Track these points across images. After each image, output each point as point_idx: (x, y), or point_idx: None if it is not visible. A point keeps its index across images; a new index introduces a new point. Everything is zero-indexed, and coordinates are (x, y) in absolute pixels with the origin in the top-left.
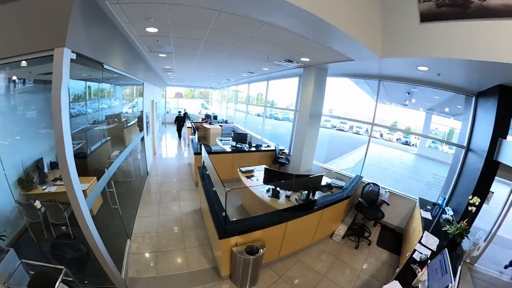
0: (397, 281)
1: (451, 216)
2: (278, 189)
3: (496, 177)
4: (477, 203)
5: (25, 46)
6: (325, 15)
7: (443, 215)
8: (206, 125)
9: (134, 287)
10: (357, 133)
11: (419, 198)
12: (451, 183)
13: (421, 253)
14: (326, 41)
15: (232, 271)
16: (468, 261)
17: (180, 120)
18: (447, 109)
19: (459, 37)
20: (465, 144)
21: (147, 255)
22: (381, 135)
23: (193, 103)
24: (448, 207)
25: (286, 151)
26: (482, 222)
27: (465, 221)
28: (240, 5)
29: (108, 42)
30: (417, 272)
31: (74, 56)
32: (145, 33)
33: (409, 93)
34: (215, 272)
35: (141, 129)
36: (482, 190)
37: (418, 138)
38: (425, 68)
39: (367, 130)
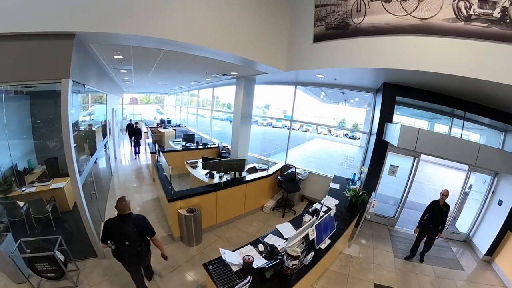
0: (289, 223)
1: (359, 186)
2: (213, 172)
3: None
4: (364, 171)
5: (38, 75)
6: (249, 55)
7: (352, 185)
8: (161, 129)
9: (110, 253)
10: (306, 130)
11: (334, 175)
12: (362, 162)
13: (319, 208)
14: (248, 65)
15: (182, 233)
16: (368, 216)
17: (135, 133)
18: None
19: (341, 51)
20: (367, 130)
21: None
22: (329, 131)
23: (149, 109)
24: (359, 181)
25: (230, 147)
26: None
27: (358, 186)
28: (176, 49)
29: (88, 67)
30: (304, 217)
31: (72, 83)
32: (113, 59)
33: (343, 93)
34: (170, 238)
35: (104, 135)
36: (376, 163)
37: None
38: (322, 76)
39: (316, 128)
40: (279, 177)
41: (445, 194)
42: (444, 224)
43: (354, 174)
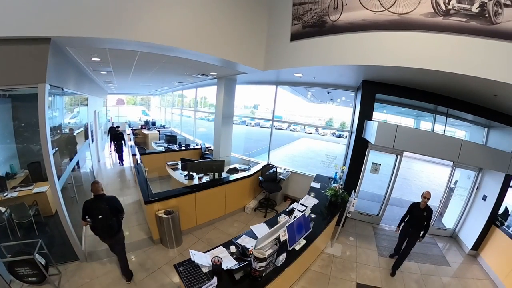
0: (264, 224)
1: (341, 184)
2: (192, 173)
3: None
4: (344, 170)
5: (15, 80)
6: (226, 55)
7: (333, 184)
8: (145, 131)
9: (92, 256)
10: (294, 130)
11: (316, 174)
12: (344, 160)
13: (296, 208)
14: (226, 66)
15: (161, 236)
16: (349, 215)
17: (117, 137)
18: None
19: (318, 49)
20: (349, 129)
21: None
22: (317, 131)
23: (134, 110)
24: (341, 179)
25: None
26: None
27: (339, 185)
28: (151, 51)
29: (66, 71)
30: (279, 218)
31: (49, 87)
32: (91, 61)
33: (328, 92)
34: (150, 240)
35: (86, 138)
36: (356, 162)
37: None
38: (300, 75)
39: (304, 128)
40: (259, 177)
41: (426, 196)
42: (425, 229)
43: (336, 172)
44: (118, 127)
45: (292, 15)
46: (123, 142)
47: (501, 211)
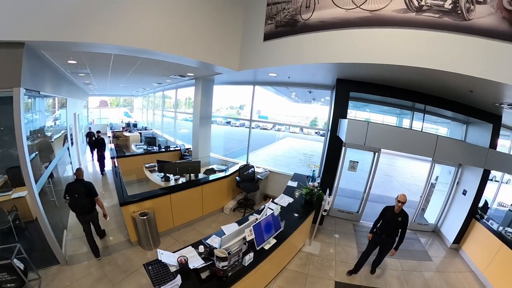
0: (236, 223)
1: (318, 183)
2: (168, 175)
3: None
4: (315, 168)
5: None
6: (200, 56)
7: (310, 183)
8: (126, 133)
9: (72, 260)
10: (278, 130)
11: (294, 173)
12: (321, 159)
13: (270, 208)
14: (201, 66)
15: (139, 238)
16: (324, 213)
17: (97, 144)
18: None
19: (290, 49)
20: (326, 127)
21: (79, 239)
22: (302, 130)
23: (117, 112)
24: (319, 177)
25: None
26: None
27: (313, 183)
28: (126, 53)
29: (43, 74)
30: (250, 218)
31: (24, 91)
32: (67, 64)
33: (310, 92)
34: (128, 242)
35: (65, 142)
36: (331, 160)
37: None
38: (274, 74)
39: (289, 127)
40: (237, 177)
41: (401, 200)
42: (399, 238)
43: (314, 171)
44: (98, 132)
45: (266, 15)
46: (104, 149)
47: (481, 204)
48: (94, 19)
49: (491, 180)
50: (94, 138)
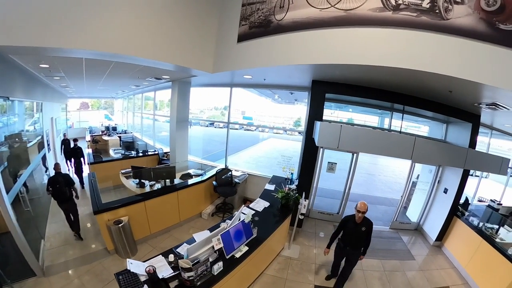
0: (208, 231)
1: (295, 185)
2: (143, 181)
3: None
4: (292, 172)
5: None
6: (174, 59)
7: (288, 185)
8: (105, 137)
9: (50, 270)
10: (262, 131)
11: (273, 175)
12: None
13: (243, 213)
14: (176, 69)
15: (115, 246)
16: (301, 217)
17: (74, 154)
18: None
19: (263, 50)
20: (303, 129)
21: (57, 248)
22: (285, 131)
23: (97, 115)
24: (297, 179)
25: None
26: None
27: (292, 185)
28: (98, 58)
29: (12, 78)
30: (221, 224)
31: None
32: (39, 68)
33: (292, 93)
34: (106, 251)
35: (42, 148)
36: (308, 162)
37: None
38: (249, 76)
39: (272, 128)
40: (213, 182)
41: (360, 210)
42: (365, 245)
43: (292, 173)
44: (76, 140)
45: (240, 16)
46: (82, 159)
47: (462, 200)
48: (62, 24)
49: (471, 175)
50: (71, 148)
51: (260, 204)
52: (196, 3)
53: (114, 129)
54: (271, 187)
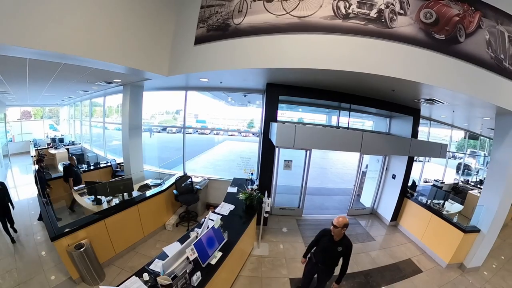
0: (178, 242)
1: (257, 185)
2: (99, 197)
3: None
4: (252, 172)
5: None
6: (130, 62)
7: (250, 186)
8: (52, 151)
9: None
10: (217, 134)
11: (234, 178)
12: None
13: (211, 219)
14: (128, 72)
15: (80, 273)
16: (266, 215)
17: None
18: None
19: (221, 53)
20: (257, 130)
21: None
22: (240, 133)
23: (41, 125)
24: (257, 179)
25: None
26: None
27: (254, 186)
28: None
29: None
30: (191, 234)
31: None
32: None
33: (245, 95)
34: (71, 281)
35: None
36: (266, 162)
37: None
38: (206, 79)
39: (228, 130)
40: (174, 191)
41: (338, 225)
42: (342, 269)
43: (252, 173)
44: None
45: (198, 18)
46: (10, 204)
47: (410, 183)
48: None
49: (415, 161)
50: None
51: (226, 208)
52: (153, 3)
53: (61, 140)
54: (234, 189)
